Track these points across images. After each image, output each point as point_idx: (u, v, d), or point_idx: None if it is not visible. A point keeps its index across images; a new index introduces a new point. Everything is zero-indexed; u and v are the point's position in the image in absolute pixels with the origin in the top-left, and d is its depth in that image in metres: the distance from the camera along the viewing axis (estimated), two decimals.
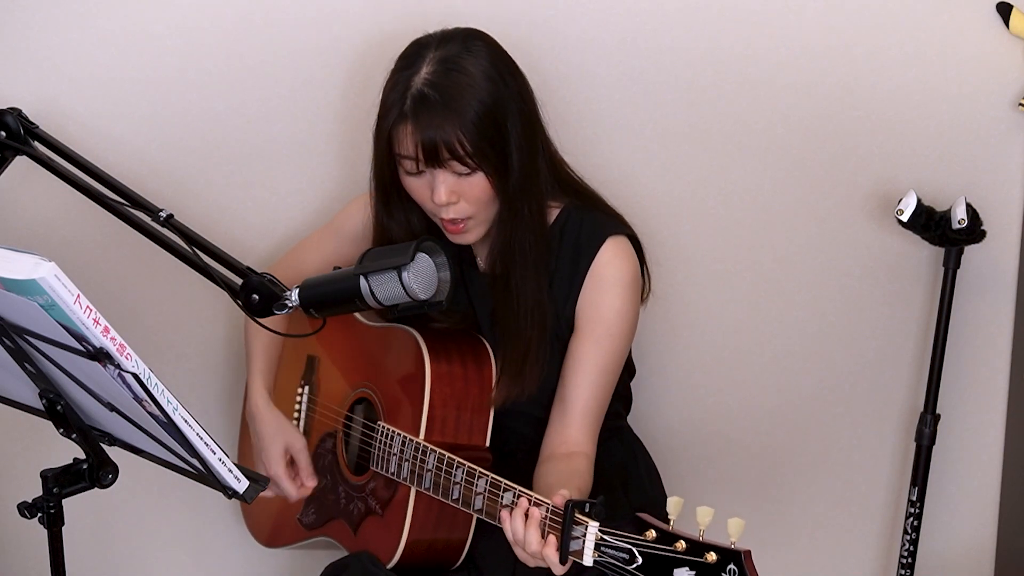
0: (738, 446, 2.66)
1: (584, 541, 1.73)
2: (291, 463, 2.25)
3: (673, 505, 1.68)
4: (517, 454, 2.22)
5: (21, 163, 2.09)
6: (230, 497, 1.75)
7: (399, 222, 2.18)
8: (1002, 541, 2.66)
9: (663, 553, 1.64)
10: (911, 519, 2.51)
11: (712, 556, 1.60)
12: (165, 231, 1.95)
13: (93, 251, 2.53)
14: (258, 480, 1.76)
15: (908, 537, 2.51)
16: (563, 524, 1.76)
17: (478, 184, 2.04)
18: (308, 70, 2.50)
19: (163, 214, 1.95)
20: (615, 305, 2.14)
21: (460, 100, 2.00)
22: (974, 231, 2.39)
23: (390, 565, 2.12)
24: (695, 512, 1.64)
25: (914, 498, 2.50)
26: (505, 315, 2.15)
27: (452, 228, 2.10)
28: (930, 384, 2.50)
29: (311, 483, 2.25)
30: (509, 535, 1.85)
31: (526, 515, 1.83)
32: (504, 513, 1.86)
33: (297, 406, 2.40)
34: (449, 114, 2.00)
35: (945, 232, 2.40)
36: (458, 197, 2.06)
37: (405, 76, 2.05)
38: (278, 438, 2.24)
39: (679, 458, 2.62)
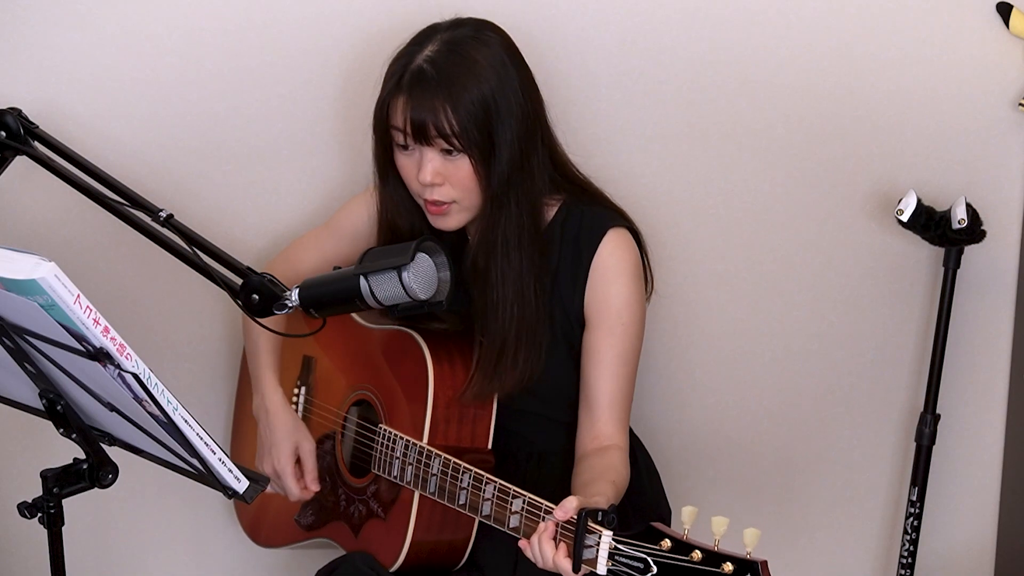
0: (738, 446, 2.66)
1: (598, 550, 1.72)
2: (297, 463, 2.25)
3: (688, 514, 1.67)
4: (518, 456, 2.22)
5: (21, 163, 2.09)
6: (230, 497, 1.75)
7: (396, 194, 2.18)
8: (1002, 541, 2.66)
9: (678, 563, 1.63)
10: (911, 519, 2.51)
11: (728, 566, 1.59)
12: (165, 231, 1.95)
13: (93, 251, 2.53)
14: (258, 480, 1.76)
15: (908, 537, 2.51)
16: (576, 532, 1.75)
17: (463, 168, 2.05)
18: (308, 70, 2.50)
19: (163, 214, 1.95)
20: (623, 294, 2.14)
21: (456, 82, 2.01)
22: (974, 231, 2.39)
23: (393, 568, 2.12)
24: (710, 521, 1.63)
25: (914, 498, 2.50)
26: (483, 309, 2.14)
27: (434, 210, 2.10)
28: (930, 384, 2.50)
29: (315, 487, 2.24)
30: (530, 555, 1.84)
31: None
32: (523, 542, 1.85)
33: (293, 407, 2.40)
34: (442, 93, 2.01)
35: (945, 232, 2.40)
36: (443, 179, 2.06)
37: (410, 51, 2.07)
38: (291, 437, 2.24)
39: (679, 458, 2.62)
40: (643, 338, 2.19)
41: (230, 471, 1.72)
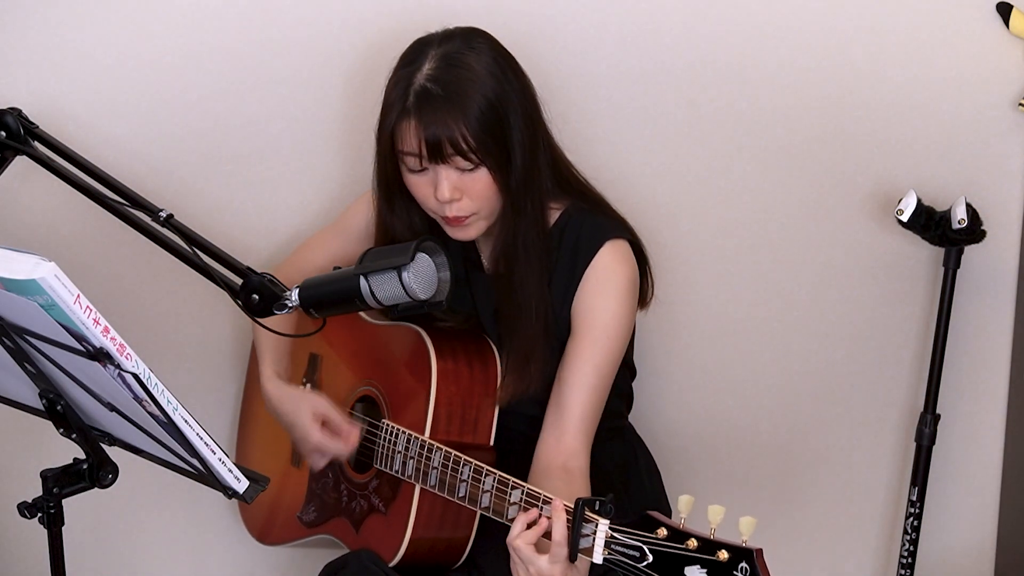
0: (738, 446, 2.66)
1: (594, 539, 1.73)
2: (324, 425, 2.22)
3: (684, 503, 1.69)
4: (518, 452, 2.22)
5: (21, 163, 2.09)
6: (230, 497, 1.75)
7: (402, 220, 2.18)
8: (1002, 541, 2.67)
9: (674, 551, 1.64)
10: (911, 519, 2.51)
11: (724, 554, 1.60)
12: (165, 231, 1.95)
13: (93, 251, 2.53)
14: (258, 480, 1.76)
15: (908, 537, 2.51)
16: (573, 521, 1.76)
17: (481, 180, 2.04)
18: (308, 70, 2.50)
19: (163, 214, 1.95)
20: (611, 308, 2.14)
21: (463, 95, 2.00)
22: (974, 231, 2.39)
23: (393, 563, 2.12)
24: (705, 510, 1.64)
25: (914, 498, 2.50)
26: (509, 313, 2.15)
27: (454, 222, 2.09)
28: (930, 384, 2.50)
29: (355, 432, 2.21)
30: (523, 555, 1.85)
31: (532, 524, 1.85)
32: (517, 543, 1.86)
33: None
34: (452, 108, 2.00)
35: (945, 232, 2.40)
36: (461, 194, 2.05)
37: (407, 73, 2.05)
38: (303, 408, 2.23)
39: (679, 458, 2.62)
40: (624, 353, 2.19)
41: (230, 471, 1.72)
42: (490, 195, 2.06)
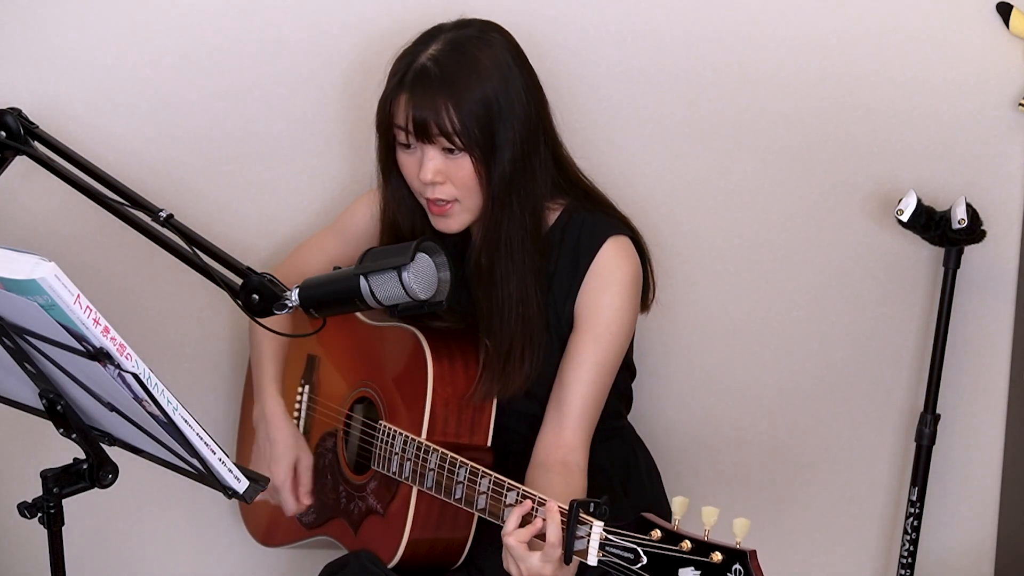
0: (738, 446, 2.66)
1: (589, 540, 1.73)
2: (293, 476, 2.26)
3: (678, 505, 1.69)
4: (517, 453, 2.22)
5: (21, 163, 2.09)
6: (230, 497, 1.75)
7: (397, 200, 2.18)
8: (1002, 541, 2.67)
9: (668, 553, 1.64)
10: (911, 519, 2.51)
11: (717, 556, 1.60)
12: (165, 231, 1.95)
13: (93, 251, 2.53)
14: (258, 480, 1.76)
15: (908, 537, 2.51)
16: (568, 523, 1.76)
17: (464, 167, 2.05)
18: (308, 69, 2.50)
19: (163, 214, 1.95)
20: (614, 304, 2.14)
21: (459, 81, 2.02)
22: (974, 231, 2.40)
23: (391, 564, 2.12)
24: (700, 512, 1.64)
25: (914, 498, 2.50)
26: (488, 310, 2.14)
27: (436, 210, 2.11)
28: (930, 384, 2.50)
29: (307, 501, 2.27)
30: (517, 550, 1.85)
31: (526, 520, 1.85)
32: (511, 540, 1.86)
33: (297, 405, 2.41)
34: (444, 91, 2.01)
35: (945, 232, 2.40)
36: (444, 178, 2.06)
37: (414, 50, 2.08)
38: (291, 451, 2.26)
39: (679, 458, 2.62)
40: (627, 350, 2.19)
41: (230, 471, 1.72)
42: (472, 185, 2.07)
